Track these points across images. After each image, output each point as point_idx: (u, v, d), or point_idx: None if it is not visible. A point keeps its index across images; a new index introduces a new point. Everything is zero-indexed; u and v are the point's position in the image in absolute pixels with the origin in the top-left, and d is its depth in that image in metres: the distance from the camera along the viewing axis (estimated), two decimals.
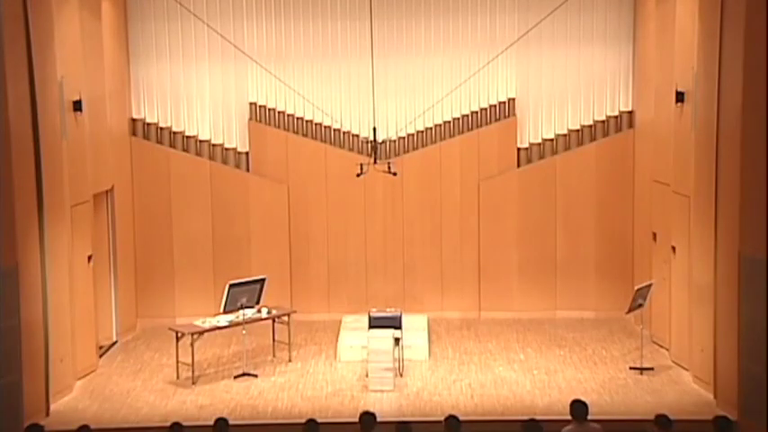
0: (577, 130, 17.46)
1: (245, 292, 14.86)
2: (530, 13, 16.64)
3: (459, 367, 14.93)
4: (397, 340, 14.28)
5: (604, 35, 17.15)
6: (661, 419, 9.62)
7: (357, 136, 17.37)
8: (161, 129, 17.33)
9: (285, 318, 15.37)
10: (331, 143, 17.46)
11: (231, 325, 14.80)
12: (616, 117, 17.38)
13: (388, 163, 15.05)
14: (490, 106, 17.46)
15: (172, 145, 17.36)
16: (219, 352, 15.57)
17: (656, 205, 15.73)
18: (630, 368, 14.65)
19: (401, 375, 14.44)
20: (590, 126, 17.44)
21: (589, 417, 10.00)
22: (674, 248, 14.86)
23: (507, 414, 12.90)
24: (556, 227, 17.45)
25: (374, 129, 15.08)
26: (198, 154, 17.42)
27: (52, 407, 13.26)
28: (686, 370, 14.35)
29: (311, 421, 9.86)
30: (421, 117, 17.19)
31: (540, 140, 17.52)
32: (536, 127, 17.50)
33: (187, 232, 17.36)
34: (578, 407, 9.89)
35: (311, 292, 17.48)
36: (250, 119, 17.43)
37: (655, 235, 15.83)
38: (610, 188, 17.32)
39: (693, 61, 13.92)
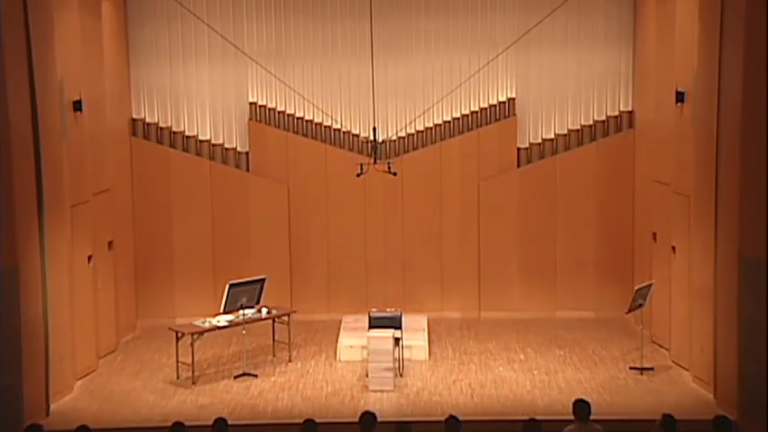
0: (577, 130, 17.46)
1: (245, 292, 14.87)
2: (530, 14, 16.63)
3: (459, 367, 14.93)
4: (397, 340, 14.28)
5: (604, 35, 17.16)
6: (667, 420, 9.59)
7: (357, 136, 17.37)
8: (161, 129, 17.34)
9: (285, 318, 15.37)
10: (331, 143, 17.47)
11: (231, 325, 14.80)
12: (616, 117, 17.38)
13: (388, 163, 15.05)
14: (490, 106, 17.46)
15: (172, 145, 17.37)
16: (219, 352, 15.56)
17: (656, 205, 15.72)
18: (630, 368, 14.65)
19: (401, 375, 14.43)
20: (590, 126, 17.45)
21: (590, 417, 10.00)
22: (674, 248, 14.86)
23: (507, 414, 12.88)
24: (556, 227, 17.46)
25: (374, 129, 15.07)
26: (198, 154, 17.42)
27: (52, 407, 13.25)
28: (686, 370, 14.35)
29: (309, 421, 9.84)
30: (421, 117, 17.20)
31: (540, 140, 17.52)
32: (536, 127, 17.50)
33: (187, 232, 17.37)
34: (581, 406, 9.87)
35: (311, 292, 17.48)
36: (250, 119, 17.44)
37: (655, 235, 15.82)
38: (610, 188, 17.32)
39: (693, 61, 13.92)
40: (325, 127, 17.44)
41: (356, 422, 9.80)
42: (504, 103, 17.44)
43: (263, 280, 15.09)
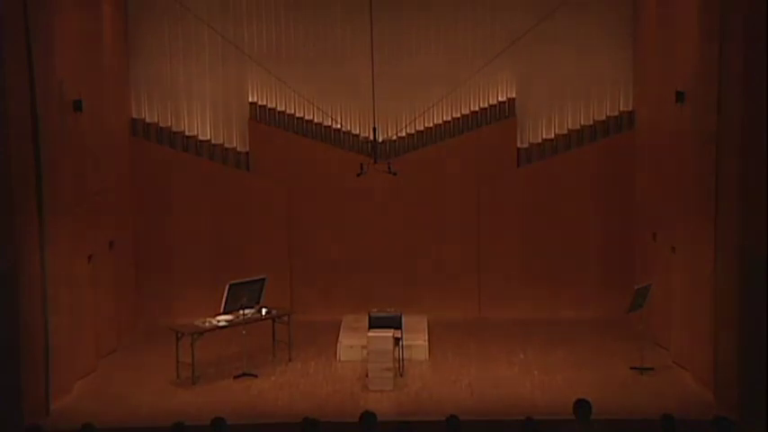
0: (577, 130, 17.47)
1: (246, 291, 14.88)
2: (530, 14, 16.62)
3: (459, 367, 14.93)
4: (397, 340, 14.28)
5: (604, 35, 17.15)
6: (667, 420, 9.58)
7: (357, 136, 17.37)
8: (161, 129, 17.35)
9: (285, 318, 15.37)
10: (331, 143, 17.47)
11: (231, 325, 14.80)
12: (616, 117, 17.39)
13: (388, 163, 15.05)
14: (490, 106, 17.48)
15: (172, 145, 17.37)
16: (219, 352, 15.55)
17: (656, 205, 15.72)
18: (630, 368, 14.64)
19: (401, 375, 14.43)
20: (590, 126, 17.45)
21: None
22: (673, 248, 14.86)
23: (507, 414, 12.87)
24: (556, 227, 17.46)
25: (374, 129, 15.08)
26: (198, 154, 17.43)
27: (52, 407, 13.25)
28: (686, 370, 14.35)
29: (309, 420, 9.83)
30: (421, 117, 17.19)
31: (540, 140, 17.52)
32: (536, 127, 17.51)
33: (187, 232, 17.37)
34: (582, 406, 9.88)
35: (311, 292, 17.47)
36: (250, 119, 17.44)
37: (655, 235, 15.82)
38: (610, 188, 17.33)
39: (693, 61, 13.91)
40: (326, 127, 17.45)
41: (356, 422, 9.80)
42: (504, 103, 17.45)
43: (263, 280, 15.10)
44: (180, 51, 17.19)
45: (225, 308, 14.67)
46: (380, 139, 16.04)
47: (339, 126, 17.34)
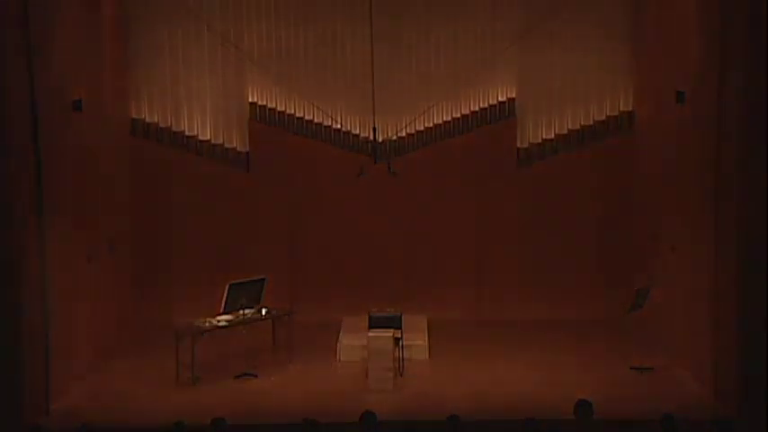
0: (577, 130, 17.46)
1: (246, 292, 14.88)
2: (530, 13, 16.63)
3: (459, 367, 14.92)
4: (397, 340, 14.28)
5: (604, 35, 17.13)
6: (667, 420, 9.59)
7: (357, 136, 17.37)
8: (161, 129, 17.33)
9: (285, 318, 15.37)
10: (331, 143, 17.47)
11: (231, 325, 14.80)
12: (616, 117, 17.38)
13: (388, 163, 15.05)
14: (490, 106, 17.47)
15: (172, 145, 17.37)
16: (219, 352, 15.54)
17: (656, 205, 15.73)
18: (630, 368, 14.64)
19: (401, 375, 14.43)
20: (590, 126, 17.44)
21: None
22: (673, 248, 14.86)
23: (507, 414, 12.87)
24: (555, 227, 17.46)
25: (374, 129, 15.07)
26: (198, 154, 17.42)
27: (52, 407, 13.25)
28: (686, 370, 14.35)
29: (309, 421, 9.83)
30: (421, 117, 17.19)
31: (540, 140, 17.52)
32: (536, 127, 17.50)
33: (187, 232, 17.37)
34: (583, 406, 9.88)
35: (311, 292, 17.47)
36: (250, 119, 17.43)
37: (655, 235, 15.82)
38: (610, 188, 17.32)
39: (693, 61, 13.91)
40: (326, 127, 17.45)
41: (356, 422, 9.80)
42: (504, 103, 17.44)
43: (263, 280, 15.11)
44: (180, 51, 17.18)
45: (225, 308, 14.67)
46: (380, 139, 16.02)
47: (339, 126, 17.34)
